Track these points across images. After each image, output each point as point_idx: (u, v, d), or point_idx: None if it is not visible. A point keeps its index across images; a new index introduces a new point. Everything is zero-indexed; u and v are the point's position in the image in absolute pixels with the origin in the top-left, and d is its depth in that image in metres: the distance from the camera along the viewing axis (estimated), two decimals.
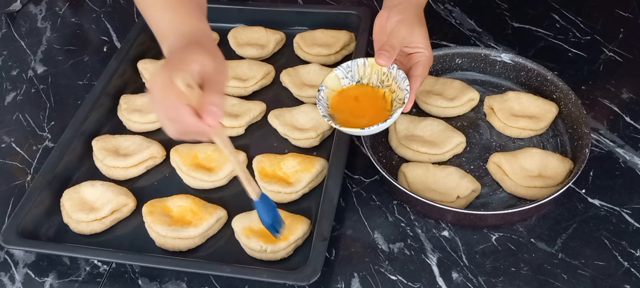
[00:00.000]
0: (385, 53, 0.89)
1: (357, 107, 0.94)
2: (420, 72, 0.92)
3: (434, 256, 0.89)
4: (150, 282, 0.88)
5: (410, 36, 0.92)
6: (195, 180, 0.98)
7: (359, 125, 0.89)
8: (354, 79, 0.96)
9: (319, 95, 0.94)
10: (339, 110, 0.94)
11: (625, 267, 0.85)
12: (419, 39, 0.92)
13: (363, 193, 0.98)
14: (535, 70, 1.07)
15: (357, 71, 0.96)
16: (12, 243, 0.89)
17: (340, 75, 0.96)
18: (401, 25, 0.91)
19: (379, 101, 0.94)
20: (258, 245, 0.87)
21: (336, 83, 0.96)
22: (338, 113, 0.93)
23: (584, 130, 0.96)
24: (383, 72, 0.94)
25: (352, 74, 0.96)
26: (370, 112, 0.92)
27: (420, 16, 0.94)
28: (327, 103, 0.94)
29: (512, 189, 0.94)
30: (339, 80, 0.96)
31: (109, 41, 1.33)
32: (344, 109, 0.94)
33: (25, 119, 1.15)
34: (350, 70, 0.96)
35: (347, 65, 0.96)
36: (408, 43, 0.92)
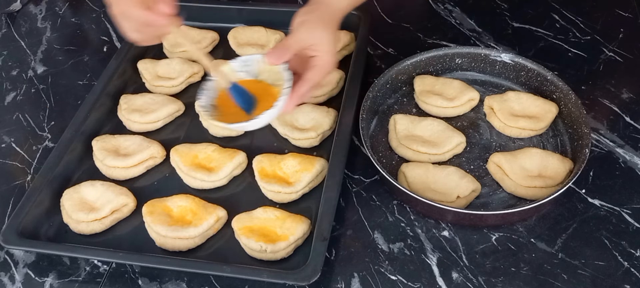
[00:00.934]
0: (276, 52, 0.89)
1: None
2: (311, 77, 0.90)
3: (434, 256, 0.89)
4: (150, 282, 0.88)
5: (310, 39, 0.90)
6: (195, 180, 0.98)
7: (234, 121, 0.89)
8: (251, 73, 0.94)
9: (207, 84, 0.92)
10: (225, 104, 0.92)
11: (625, 267, 0.86)
12: (320, 43, 0.90)
13: (363, 193, 0.98)
14: (535, 70, 1.07)
15: (256, 66, 0.94)
16: (12, 243, 0.89)
17: (237, 68, 0.94)
18: (301, 27, 0.90)
19: (267, 99, 0.91)
20: (258, 245, 0.87)
21: (231, 75, 0.94)
22: (224, 106, 0.92)
23: (584, 130, 0.96)
24: (277, 70, 0.91)
25: (250, 69, 0.94)
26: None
27: (328, 21, 0.92)
28: (216, 93, 0.93)
29: (512, 189, 0.94)
30: (235, 73, 0.94)
31: (109, 41, 1.33)
32: (230, 103, 0.92)
33: (25, 119, 1.15)
34: (247, 64, 0.94)
35: (245, 59, 0.94)
36: (307, 45, 0.90)
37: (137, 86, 1.18)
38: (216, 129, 1.07)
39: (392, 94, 1.12)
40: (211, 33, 1.26)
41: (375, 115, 1.08)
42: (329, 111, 1.06)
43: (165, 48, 1.25)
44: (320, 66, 0.91)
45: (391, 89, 1.11)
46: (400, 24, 1.31)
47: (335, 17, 0.94)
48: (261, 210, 0.92)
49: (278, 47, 0.90)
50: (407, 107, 1.10)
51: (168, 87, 1.15)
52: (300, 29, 0.91)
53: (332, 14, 0.93)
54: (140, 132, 1.08)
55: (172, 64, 1.18)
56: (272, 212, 0.92)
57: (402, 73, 1.11)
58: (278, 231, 0.89)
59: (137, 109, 1.09)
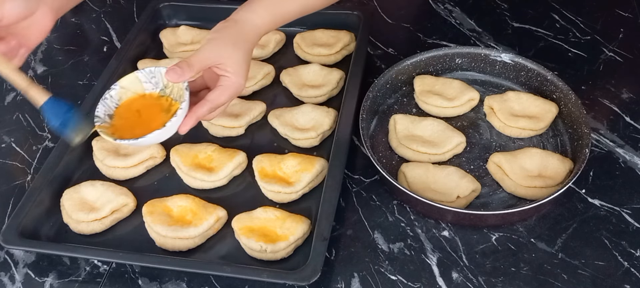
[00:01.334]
0: (177, 69, 0.82)
1: (139, 119, 0.87)
2: (214, 97, 0.84)
3: (434, 256, 0.89)
4: (150, 282, 0.88)
5: (217, 58, 0.84)
6: (195, 180, 0.98)
7: (129, 136, 0.83)
8: (158, 86, 0.88)
9: (109, 93, 0.87)
10: (123, 116, 0.87)
11: (625, 267, 0.86)
12: (228, 63, 0.84)
13: (363, 193, 0.98)
14: (535, 70, 1.07)
15: (161, 79, 0.88)
16: (12, 243, 0.89)
17: (142, 78, 0.89)
18: (209, 44, 0.85)
19: (167, 116, 0.85)
20: (258, 245, 0.87)
21: (136, 85, 0.89)
22: (120, 118, 0.87)
23: (584, 130, 0.96)
24: (180, 86, 0.86)
25: (156, 81, 0.89)
26: (149, 126, 0.84)
27: (241, 40, 0.86)
28: (117, 103, 0.88)
29: (512, 189, 0.94)
30: (140, 83, 0.89)
31: (109, 41, 1.33)
32: (127, 116, 0.87)
33: (25, 119, 1.15)
34: (153, 76, 0.88)
35: (150, 71, 0.88)
36: (214, 64, 0.84)
37: None
38: (216, 129, 1.07)
39: (392, 94, 1.12)
40: None
41: (375, 115, 1.08)
42: (329, 111, 1.06)
43: (165, 48, 1.25)
44: (226, 87, 0.85)
45: (391, 89, 1.11)
46: (400, 24, 1.31)
47: (250, 36, 0.88)
48: (261, 210, 0.92)
49: (180, 64, 0.83)
50: (407, 107, 1.10)
51: None
52: (207, 46, 0.85)
53: (247, 33, 0.87)
54: None
55: (172, 63, 1.18)
56: (272, 212, 0.92)
57: (402, 73, 1.11)
58: (278, 231, 0.89)
59: None
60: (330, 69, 1.15)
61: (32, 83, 0.82)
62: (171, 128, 0.83)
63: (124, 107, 0.88)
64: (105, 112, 0.86)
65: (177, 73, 0.82)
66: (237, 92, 0.86)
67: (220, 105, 0.86)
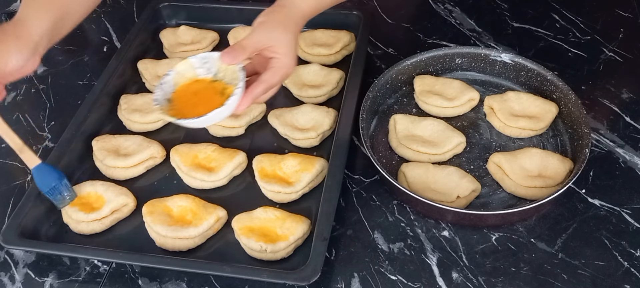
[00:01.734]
0: (231, 52, 0.87)
1: (197, 100, 0.91)
2: (267, 78, 0.88)
3: (434, 256, 0.89)
4: (150, 282, 0.88)
5: (268, 40, 0.88)
6: (195, 180, 0.98)
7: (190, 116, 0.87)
8: (211, 71, 0.93)
9: (165, 78, 0.92)
10: (181, 100, 0.91)
11: (625, 267, 0.85)
12: (279, 44, 0.88)
13: (363, 193, 0.98)
14: (535, 70, 1.07)
15: (214, 64, 0.92)
16: (12, 243, 0.89)
17: (196, 64, 0.93)
18: (260, 27, 0.89)
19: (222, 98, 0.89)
20: (258, 245, 0.87)
21: (190, 71, 0.93)
22: (178, 102, 0.91)
23: (584, 130, 0.96)
24: (233, 70, 0.90)
25: (209, 66, 0.93)
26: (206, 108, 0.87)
27: (289, 23, 0.90)
28: (173, 88, 0.92)
29: (512, 189, 0.94)
30: (193, 69, 0.93)
31: (109, 41, 1.33)
32: (185, 99, 0.91)
33: (25, 119, 1.15)
34: (206, 62, 0.93)
35: (203, 56, 0.93)
36: (265, 46, 0.89)
37: (137, 86, 1.18)
38: (216, 129, 1.07)
39: (392, 94, 1.12)
40: (211, 33, 1.26)
41: (375, 115, 1.08)
42: (329, 111, 1.06)
43: (165, 48, 1.25)
44: (278, 68, 0.89)
45: (391, 89, 1.11)
46: (400, 24, 1.31)
47: (297, 19, 0.92)
48: (261, 210, 0.92)
49: (234, 47, 0.88)
50: (407, 107, 1.10)
51: None
52: (258, 30, 0.89)
53: (294, 16, 0.91)
54: (140, 132, 1.08)
55: (172, 64, 1.18)
56: (272, 212, 0.92)
57: (402, 73, 1.11)
58: (278, 231, 0.89)
59: (137, 109, 1.09)
60: (330, 69, 1.15)
61: (25, 146, 0.91)
62: (231, 106, 0.86)
63: (181, 91, 0.92)
64: (163, 96, 0.90)
65: (232, 55, 0.87)
66: (288, 73, 0.91)
67: (273, 85, 0.90)
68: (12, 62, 0.85)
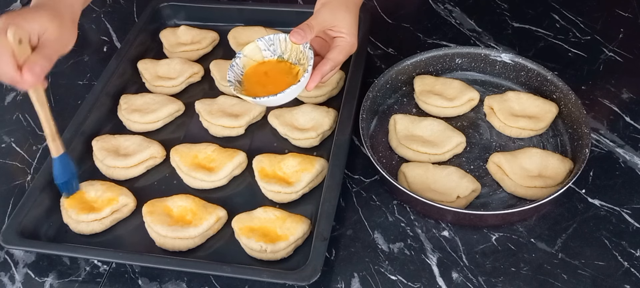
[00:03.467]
0: (300, 32, 0.92)
1: (267, 80, 0.96)
2: (334, 56, 0.94)
3: (434, 256, 0.89)
4: (150, 282, 0.88)
5: (332, 20, 0.94)
6: (195, 180, 0.98)
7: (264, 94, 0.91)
8: (276, 52, 0.98)
9: (235, 61, 0.97)
10: (251, 81, 0.96)
11: (625, 267, 0.86)
12: (342, 24, 0.94)
13: (363, 193, 0.98)
14: (535, 70, 1.07)
15: (279, 46, 0.98)
16: (12, 243, 0.89)
17: (262, 47, 0.98)
18: (324, 8, 0.94)
19: (289, 78, 0.96)
20: (258, 245, 0.87)
21: (257, 53, 0.98)
22: (249, 83, 0.96)
23: (584, 130, 0.96)
24: (300, 50, 0.95)
25: (274, 48, 0.98)
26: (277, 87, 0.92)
27: (350, 3, 0.96)
28: (242, 71, 0.97)
29: (512, 189, 0.94)
30: (260, 52, 0.98)
31: (109, 41, 1.33)
32: (255, 80, 0.97)
33: (25, 119, 1.15)
34: (272, 44, 0.98)
35: (269, 38, 0.98)
36: (330, 26, 0.94)
37: (137, 86, 1.18)
38: (216, 129, 1.07)
39: (392, 94, 1.12)
40: (211, 33, 1.26)
41: (375, 115, 1.08)
42: (329, 111, 1.06)
43: (165, 48, 1.25)
44: (343, 47, 0.94)
45: (391, 89, 1.11)
46: (400, 24, 1.31)
47: (354, 1, 0.97)
48: (261, 210, 0.92)
49: (301, 27, 0.92)
50: (407, 107, 1.10)
51: (168, 87, 1.15)
52: (322, 10, 0.94)
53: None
54: (140, 132, 1.08)
55: (172, 64, 1.18)
56: (272, 212, 0.92)
57: (402, 73, 1.11)
58: (278, 231, 0.89)
59: (137, 109, 1.09)
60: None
61: (57, 135, 0.92)
62: (303, 83, 0.92)
63: (250, 72, 0.98)
64: (234, 77, 0.95)
65: (300, 35, 0.92)
66: (351, 50, 0.96)
67: (339, 63, 0.96)
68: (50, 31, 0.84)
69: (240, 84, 0.96)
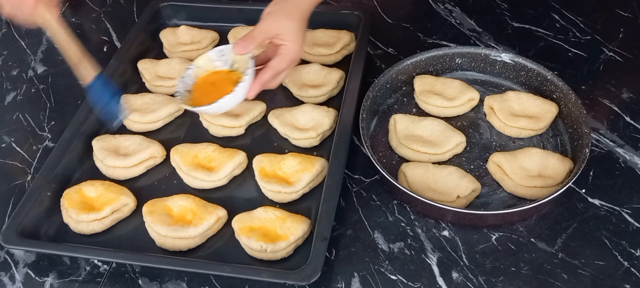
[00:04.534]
0: (242, 42, 0.94)
1: (213, 90, 0.97)
2: (275, 64, 0.95)
3: (434, 256, 0.89)
4: (150, 281, 0.88)
5: (276, 28, 0.94)
6: (195, 180, 0.98)
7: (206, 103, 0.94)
8: (227, 63, 1.00)
9: (186, 72, 1.00)
10: (200, 90, 0.99)
11: (625, 267, 0.86)
12: (285, 32, 0.94)
13: (363, 193, 0.98)
14: (535, 70, 1.07)
15: (230, 55, 0.99)
16: (12, 243, 0.89)
17: (213, 57, 1.00)
18: (268, 17, 0.95)
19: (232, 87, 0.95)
20: (258, 245, 0.87)
21: (209, 64, 1.01)
22: (197, 92, 0.98)
23: (584, 130, 0.96)
24: (246, 59, 0.96)
25: (225, 58, 1.00)
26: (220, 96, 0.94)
27: (295, 11, 0.96)
28: (193, 81, 1.00)
29: (512, 189, 0.94)
30: (212, 62, 1.01)
31: (109, 41, 1.33)
32: (203, 90, 0.99)
33: (25, 118, 1.15)
34: (223, 54, 1.00)
35: (220, 49, 1.00)
36: (274, 35, 0.95)
37: (137, 86, 1.18)
38: (216, 129, 1.07)
39: (392, 94, 1.12)
40: (211, 33, 1.26)
41: (375, 115, 1.08)
42: (329, 111, 1.06)
43: (165, 48, 1.25)
44: (285, 54, 0.95)
45: (391, 88, 1.11)
46: (400, 24, 1.31)
47: (303, 8, 0.97)
48: (261, 210, 0.92)
49: (244, 38, 0.94)
50: (407, 107, 1.10)
51: (168, 87, 1.15)
52: (266, 19, 0.95)
53: (300, 4, 0.97)
54: (140, 132, 1.08)
55: (172, 63, 1.18)
56: (272, 212, 0.92)
57: (402, 73, 1.11)
58: (278, 231, 0.89)
59: (137, 109, 1.09)
60: (330, 69, 1.15)
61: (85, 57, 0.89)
62: (239, 93, 0.93)
63: (200, 82, 1.00)
64: (184, 88, 0.99)
65: (242, 45, 0.94)
66: (295, 58, 0.97)
67: (281, 71, 0.96)
68: None
69: (189, 93, 0.98)
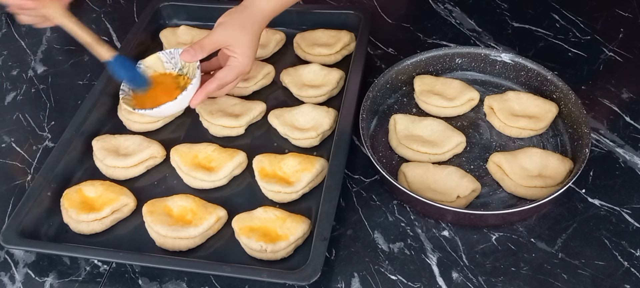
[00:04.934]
0: (190, 50, 0.95)
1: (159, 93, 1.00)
2: (222, 76, 0.96)
3: (434, 256, 0.89)
4: (150, 281, 0.88)
5: (226, 40, 0.95)
6: (195, 180, 0.98)
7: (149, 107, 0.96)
8: (177, 66, 1.02)
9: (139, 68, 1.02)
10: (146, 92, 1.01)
11: (625, 267, 0.86)
12: (236, 45, 0.95)
13: (363, 193, 0.98)
14: (535, 70, 1.07)
15: (179, 60, 1.01)
16: (12, 243, 0.89)
17: (164, 59, 1.03)
18: (219, 28, 0.96)
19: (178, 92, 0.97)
20: (258, 245, 0.87)
21: (158, 65, 1.03)
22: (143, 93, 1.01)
23: (584, 130, 0.96)
24: (194, 66, 0.98)
25: (175, 61, 1.02)
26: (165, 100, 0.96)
27: (248, 23, 0.96)
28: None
29: (512, 189, 0.94)
30: (162, 63, 1.03)
31: (109, 41, 1.33)
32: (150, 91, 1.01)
33: (25, 118, 1.15)
34: (173, 57, 1.02)
35: (170, 52, 1.03)
36: (224, 45, 0.96)
37: None
38: (216, 129, 1.07)
39: (392, 94, 1.12)
40: None
41: (375, 115, 1.08)
42: (329, 111, 1.06)
43: (165, 48, 1.24)
44: (233, 66, 0.96)
45: (391, 88, 1.11)
46: (400, 24, 1.31)
47: (257, 19, 0.97)
48: (261, 210, 0.92)
49: (194, 46, 0.95)
50: (407, 107, 1.10)
51: None
52: (217, 30, 0.96)
53: (254, 16, 0.97)
54: (140, 132, 1.08)
55: None
56: (272, 212, 0.92)
57: (402, 73, 1.11)
58: (278, 231, 0.89)
59: None
60: (330, 69, 1.15)
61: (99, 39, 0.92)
62: (182, 101, 0.95)
63: None
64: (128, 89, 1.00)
65: (190, 54, 0.94)
66: (243, 71, 0.98)
67: (227, 83, 0.97)
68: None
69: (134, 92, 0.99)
